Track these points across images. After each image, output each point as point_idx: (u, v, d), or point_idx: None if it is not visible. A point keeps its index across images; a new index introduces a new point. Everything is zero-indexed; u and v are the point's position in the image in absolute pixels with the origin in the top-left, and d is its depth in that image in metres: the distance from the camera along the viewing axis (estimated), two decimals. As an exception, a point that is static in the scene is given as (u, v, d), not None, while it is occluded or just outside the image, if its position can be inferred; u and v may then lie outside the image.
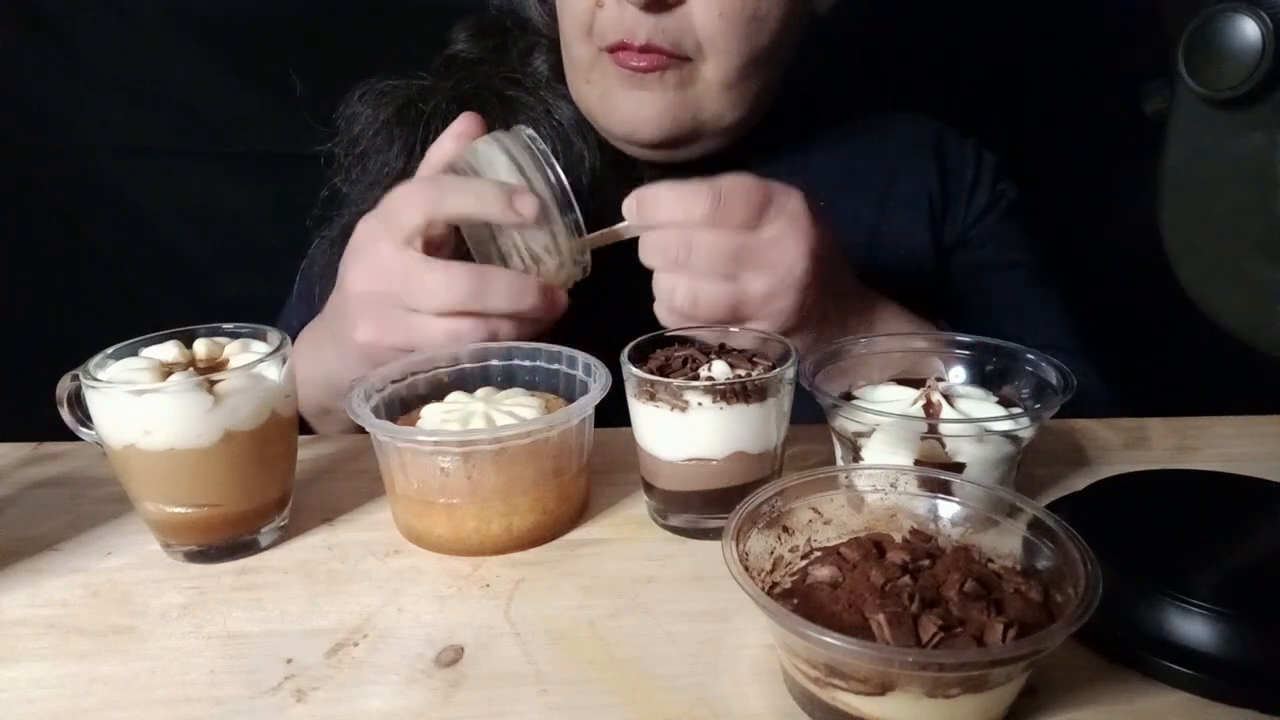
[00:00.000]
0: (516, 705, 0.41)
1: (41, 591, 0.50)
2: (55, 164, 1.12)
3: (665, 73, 0.72)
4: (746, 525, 0.43)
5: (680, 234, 0.59)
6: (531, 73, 0.82)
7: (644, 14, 0.69)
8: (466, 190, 0.60)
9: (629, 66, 0.72)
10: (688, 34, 0.71)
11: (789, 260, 0.60)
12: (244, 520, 0.53)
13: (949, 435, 0.50)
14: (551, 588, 0.50)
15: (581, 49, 0.75)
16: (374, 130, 0.79)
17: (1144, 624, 0.43)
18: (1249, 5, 0.38)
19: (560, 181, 0.61)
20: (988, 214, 0.87)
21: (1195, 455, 0.62)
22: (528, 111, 0.79)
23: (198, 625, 0.47)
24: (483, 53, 0.84)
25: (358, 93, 0.81)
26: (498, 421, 0.53)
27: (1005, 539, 0.43)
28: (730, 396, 0.51)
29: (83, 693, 0.43)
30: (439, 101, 0.79)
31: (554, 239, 0.62)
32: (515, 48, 0.84)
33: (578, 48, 0.76)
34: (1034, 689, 0.40)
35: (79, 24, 1.07)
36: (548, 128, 0.78)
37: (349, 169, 0.81)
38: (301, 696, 0.42)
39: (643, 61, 0.72)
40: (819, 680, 0.38)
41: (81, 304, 1.14)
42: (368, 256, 0.62)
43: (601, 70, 0.75)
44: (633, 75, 0.73)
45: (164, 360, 0.53)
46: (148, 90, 1.09)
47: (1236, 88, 0.39)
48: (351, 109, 0.80)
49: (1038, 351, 0.56)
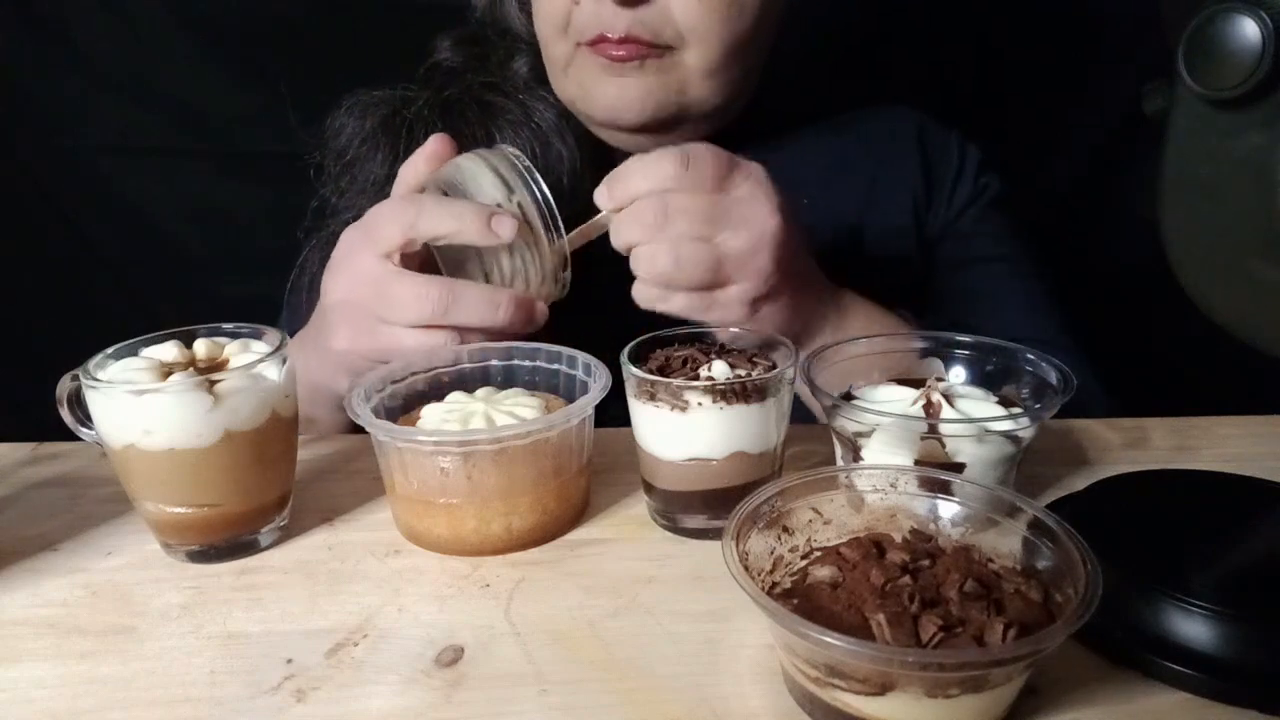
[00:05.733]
0: (516, 705, 0.41)
1: (41, 591, 0.50)
2: (55, 164, 1.12)
3: (645, 61, 0.73)
4: (746, 525, 0.43)
5: (655, 199, 0.59)
6: (511, 77, 0.83)
7: (622, 9, 0.70)
8: (446, 212, 0.60)
9: (608, 56, 0.73)
10: (667, 24, 0.72)
11: (760, 215, 0.60)
12: (244, 520, 0.53)
13: (949, 435, 0.50)
14: (551, 588, 0.50)
15: (559, 47, 0.76)
16: (360, 140, 0.80)
17: (1144, 624, 0.43)
18: (1249, 5, 0.38)
19: (546, 200, 0.62)
20: (970, 207, 0.87)
21: (1195, 455, 0.62)
22: (506, 115, 0.79)
23: (198, 625, 0.47)
24: (465, 61, 0.84)
25: (344, 105, 0.81)
26: (498, 421, 0.53)
27: (1005, 539, 0.43)
28: (730, 396, 0.51)
29: (83, 693, 0.43)
30: (420, 108, 0.79)
31: (538, 258, 0.62)
32: (495, 54, 0.84)
33: (554, 46, 0.76)
34: (1034, 689, 0.40)
35: (78, 23, 1.07)
36: (527, 130, 0.78)
37: (337, 179, 0.81)
38: (301, 696, 0.42)
39: (622, 51, 0.72)
40: (819, 680, 0.38)
41: (81, 304, 1.14)
42: (347, 267, 0.62)
43: (580, 63, 0.75)
44: (612, 64, 0.73)
45: (164, 360, 0.53)
46: (148, 90, 1.09)
47: (1236, 88, 0.39)
48: (339, 121, 0.81)
49: (1038, 351, 0.56)
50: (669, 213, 0.59)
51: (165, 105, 1.10)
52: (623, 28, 0.71)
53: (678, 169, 0.59)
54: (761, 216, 0.60)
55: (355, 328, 0.62)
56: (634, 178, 0.60)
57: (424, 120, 0.78)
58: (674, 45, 0.73)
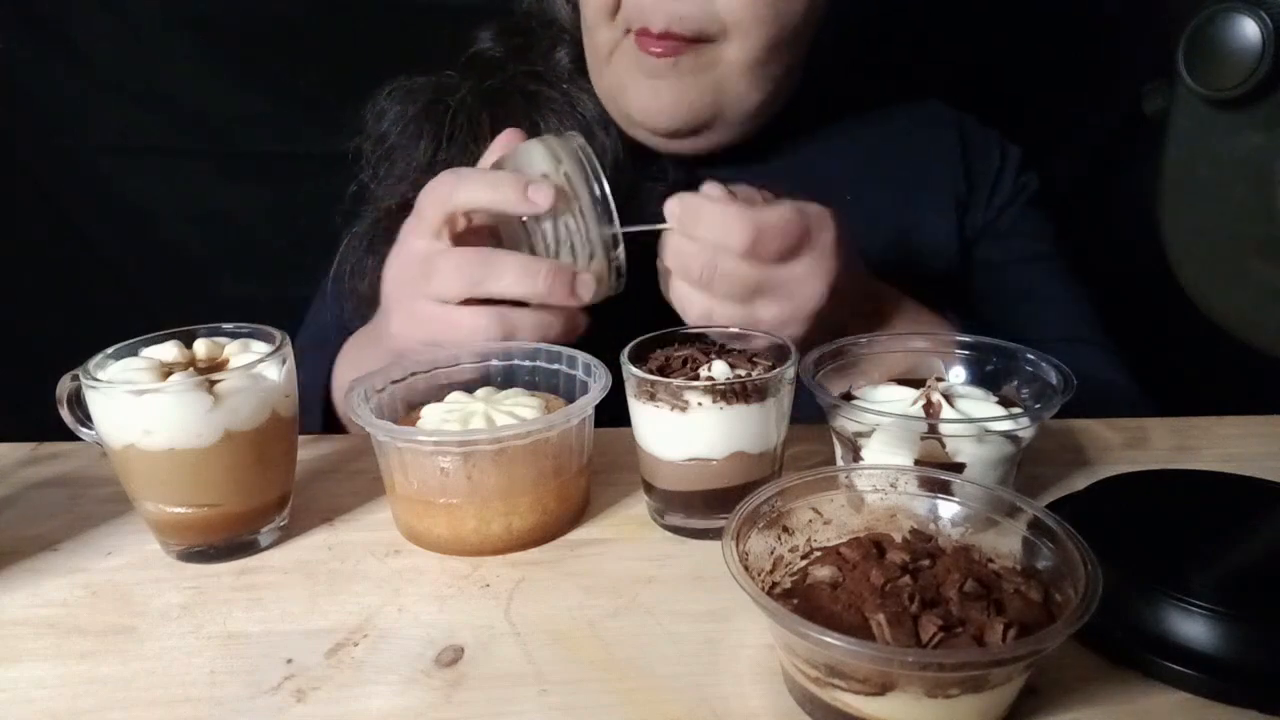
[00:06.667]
0: (516, 705, 0.41)
1: (41, 591, 0.50)
2: (55, 164, 1.12)
3: (681, 59, 0.72)
4: (746, 525, 0.43)
5: (708, 257, 0.59)
6: (555, 67, 0.82)
7: None
8: (482, 181, 0.60)
9: (647, 51, 0.72)
10: (712, 17, 0.71)
11: (806, 294, 0.60)
12: (244, 520, 0.53)
13: (949, 435, 0.50)
14: (551, 588, 0.50)
15: (604, 33, 0.75)
16: (401, 126, 0.80)
17: (1144, 624, 0.43)
18: (1249, 5, 0.38)
19: (604, 192, 0.61)
20: (1011, 205, 0.87)
21: (1195, 455, 0.62)
22: (551, 105, 0.79)
23: (197, 625, 0.47)
24: (507, 51, 0.84)
25: (386, 90, 0.81)
26: (498, 421, 0.53)
27: (1005, 539, 0.43)
28: (730, 396, 0.51)
29: (83, 693, 0.43)
30: (464, 96, 0.79)
31: (584, 228, 0.61)
32: (539, 45, 0.84)
33: (600, 32, 0.75)
34: (1034, 689, 0.40)
35: (79, 24, 1.07)
36: (571, 120, 0.78)
37: (376, 165, 0.81)
38: (301, 696, 0.42)
39: (660, 47, 0.72)
40: (819, 680, 0.38)
41: (81, 304, 1.14)
42: (400, 251, 0.63)
43: (622, 53, 0.75)
44: (648, 62, 0.73)
45: (164, 360, 0.53)
46: (148, 90, 1.09)
47: (1236, 88, 0.39)
48: (379, 106, 0.81)
49: (1038, 351, 0.56)
50: (716, 274, 0.59)
51: (165, 105, 1.10)
52: (662, 23, 0.70)
53: (745, 238, 0.58)
54: (807, 294, 0.60)
55: (407, 311, 0.62)
56: (702, 222, 0.59)
57: (468, 108, 0.78)
58: (716, 38, 0.72)
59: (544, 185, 0.59)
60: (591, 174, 0.61)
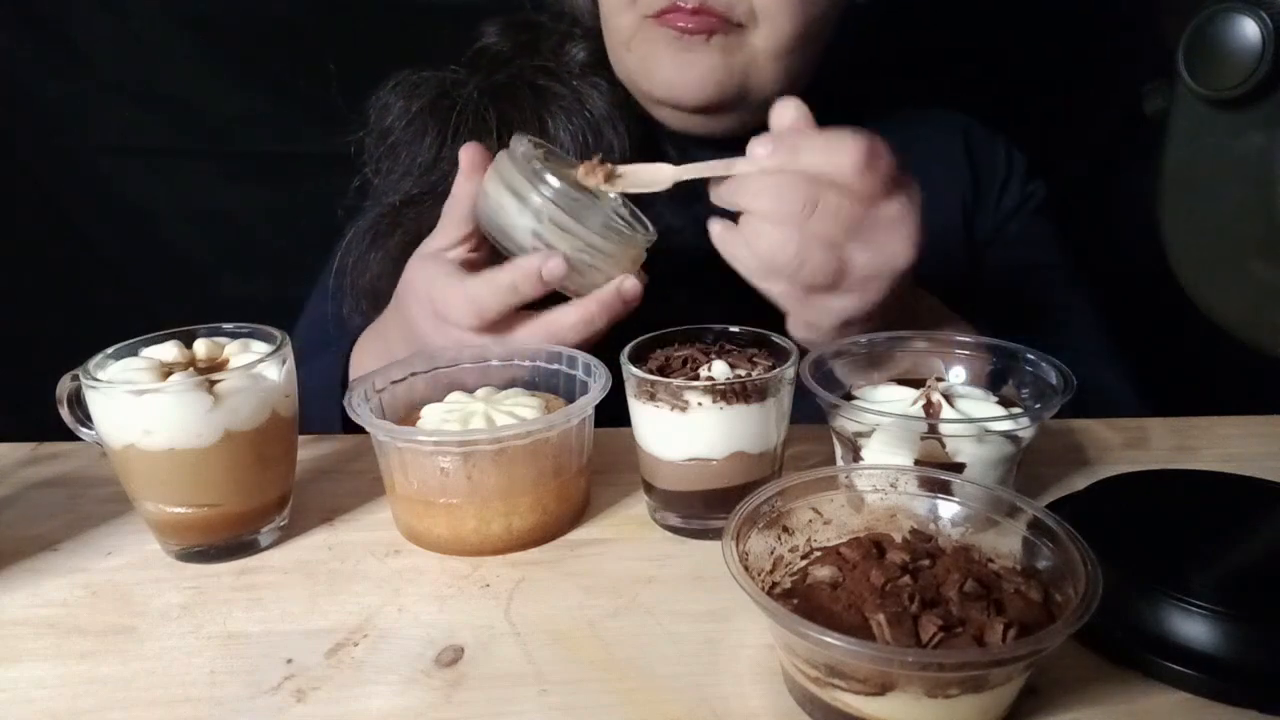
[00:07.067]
0: (516, 705, 0.41)
1: (41, 591, 0.50)
2: (55, 164, 1.12)
3: (714, 36, 0.72)
4: (746, 525, 0.43)
5: (810, 187, 0.55)
6: (565, 62, 0.81)
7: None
8: (501, 289, 0.60)
9: (677, 27, 0.72)
10: (741, 1, 0.71)
11: (897, 243, 0.57)
12: (244, 520, 0.53)
13: (949, 435, 0.50)
14: (551, 588, 0.50)
15: (624, 18, 0.75)
16: (405, 121, 0.79)
17: (1144, 624, 0.43)
18: (1249, 5, 0.38)
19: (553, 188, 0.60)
20: (1018, 213, 0.87)
21: (1195, 455, 0.62)
22: (559, 101, 0.78)
23: (197, 625, 0.47)
24: (514, 46, 0.83)
25: (390, 83, 0.80)
26: (498, 421, 0.53)
27: (1005, 539, 0.43)
28: (730, 396, 0.51)
29: (83, 693, 0.43)
30: (470, 92, 0.78)
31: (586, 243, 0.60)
32: (548, 40, 0.83)
33: (620, 17, 0.75)
34: (1034, 689, 0.40)
35: (79, 24, 1.07)
36: (579, 117, 0.78)
37: (379, 160, 0.80)
38: (301, 696, 0.42)
39: (692, 23, 0.71)
40: (819, 680, 0.38)
41: (81, 304, 1.14)
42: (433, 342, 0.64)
43: (644, 35, 0.74)
44: (680, 37, 0.72)
45: (164, 360, 0.53)
46: (148, 90, 1.10)
47: (1236, 88, 0.39)
48: (383, 100, 0.80)
49: (1038, 351, 0.56)
50: (819, 210, 0.55)
51: (165, 105, 1.10)
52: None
53: (858, 165, 0.55)
54: (897, 245, 0.58)
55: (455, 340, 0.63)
56: (810, 150, 0.56)
57: (474, 104, 0.78)
58: (745, 24, 0.72)
59: (552, 259, 0.59)
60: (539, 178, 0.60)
